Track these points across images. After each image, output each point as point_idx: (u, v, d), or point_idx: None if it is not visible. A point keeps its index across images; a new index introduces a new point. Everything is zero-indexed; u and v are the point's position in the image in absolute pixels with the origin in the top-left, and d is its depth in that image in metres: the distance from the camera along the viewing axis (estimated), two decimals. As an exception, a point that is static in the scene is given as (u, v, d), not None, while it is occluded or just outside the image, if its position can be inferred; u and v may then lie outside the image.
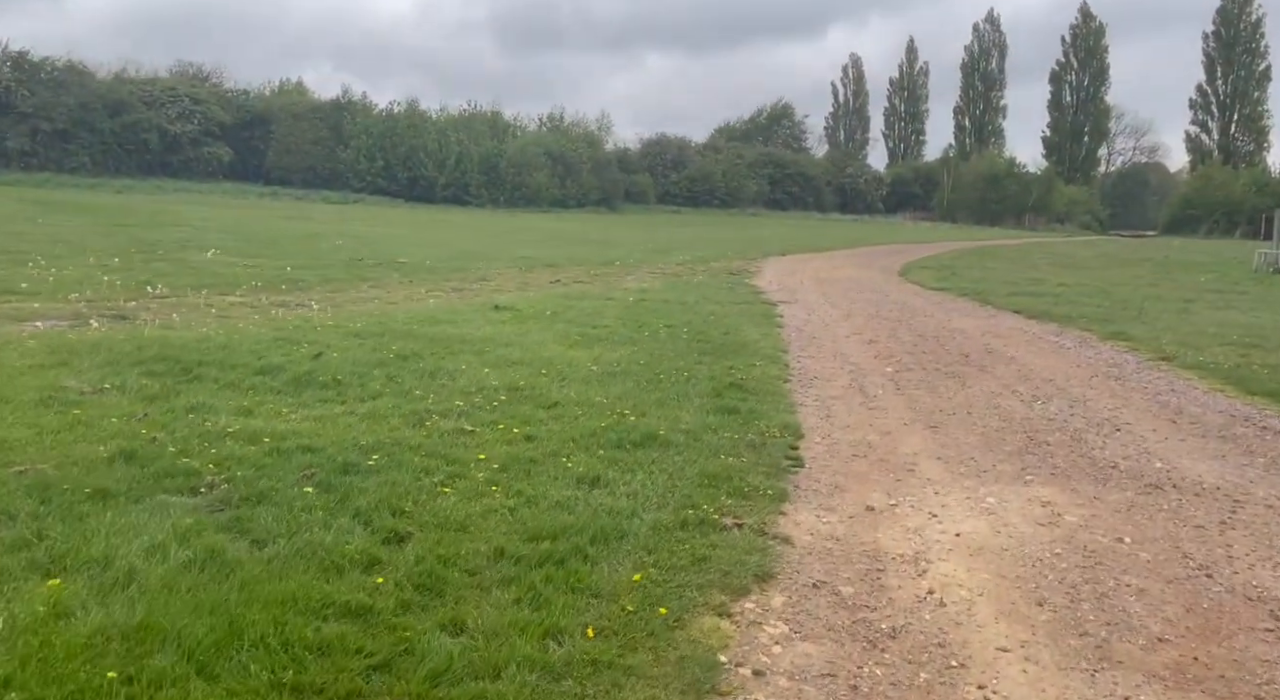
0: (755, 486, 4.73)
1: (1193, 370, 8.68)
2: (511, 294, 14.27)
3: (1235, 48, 73.44)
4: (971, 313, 13.77)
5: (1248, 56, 73.35)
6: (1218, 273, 23.72)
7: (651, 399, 6.63)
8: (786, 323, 12.01)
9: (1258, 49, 73.28)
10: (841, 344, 10.33)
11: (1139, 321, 12.49)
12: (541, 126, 73.36)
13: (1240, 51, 73.38)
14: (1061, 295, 16.59)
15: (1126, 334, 10.90)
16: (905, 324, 12.14)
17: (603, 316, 11.51)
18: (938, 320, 12.66)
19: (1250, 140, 74.59)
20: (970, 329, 11.69)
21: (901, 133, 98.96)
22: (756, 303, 14.09)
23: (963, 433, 6.29)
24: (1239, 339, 10.52)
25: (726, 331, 10.58)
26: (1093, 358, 9.53)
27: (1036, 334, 11.33)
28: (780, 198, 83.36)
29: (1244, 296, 17.24)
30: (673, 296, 14.32)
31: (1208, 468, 5.48)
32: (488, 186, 62.55)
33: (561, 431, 5.46)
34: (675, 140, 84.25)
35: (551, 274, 18.43)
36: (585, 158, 67.07)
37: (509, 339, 9.13)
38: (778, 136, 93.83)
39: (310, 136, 61.62)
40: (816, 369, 8.70)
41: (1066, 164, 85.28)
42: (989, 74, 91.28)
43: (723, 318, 11.93)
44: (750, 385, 7.46)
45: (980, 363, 9.15)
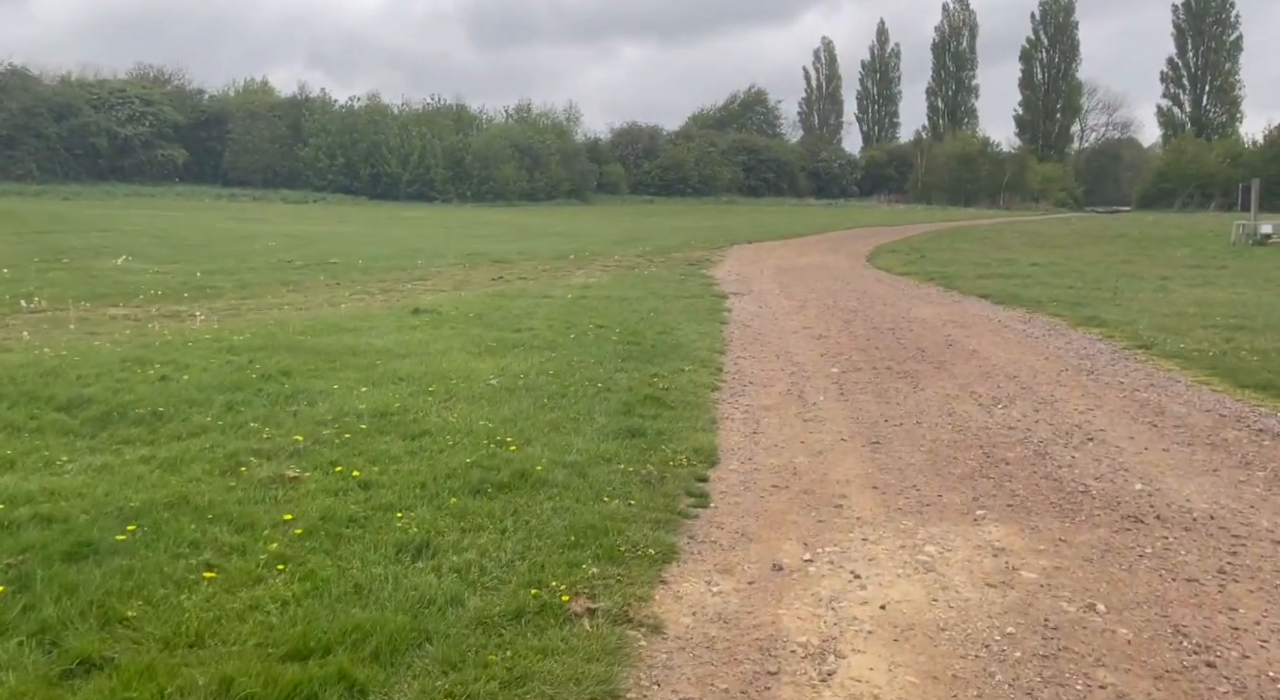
0: (636, 543, 3.73)
1: (1174, 359, 7.76)
2: (443, 295, 13.20)
3: (1205, 19, 73.06)
4: (935, 300, 12.84)
5: (1218, 27, 72.99)
6: (1194, 247, 22.97)
7: (546, 421, 5.61)
8: (733, 318, 11.02)
9: (1228, 19, 72.96)
10: (788, 341, 9.36)
11: (1114, 303, 11.61)
12: (508, 119, 71.90)
13: (1210, 22, 73.01)
14: (1032, 276, 15.72)
15: (1100, 319, 10.00)
16: (861, 315, 11.19)
17: (532, 317, 10.48)
18: (898, 310, 11.71)
19: (1222, 112, 74.35)
20: (931, 318, 10.75)
21: (875, 115, 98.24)
22: (705, 296, 13.10)
23: (908, 450, 5.32)
24: (1222, 320, 9.65)
25: (663, 331, 9.58)
26: (1063, 348, 8.61)
27: (1003, 322, 10.41)
28: (755, 184, 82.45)
29: (1223, 271, 16.44)
30: (616, 292, 13.30)
31: (1197, 488, 4.54)
32: (453, 181, 61.17)
33: (414, 473, 4.44)
34: (647, 129, 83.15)
35: (498, 271, 17.35)
36: (554, 149, 65.77)
37: (410, 349, 8.08)
38: (751, 123, 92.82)
39: (268, 135, 59.96)
40: (754, 372, 7.72)
41: (1040, 142, 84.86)
42: (960, 54, 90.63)
43: (663, 315, 10.93)
44: (670, 397, 6.46)
45: (938, 358, 8.20)
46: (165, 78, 64.78)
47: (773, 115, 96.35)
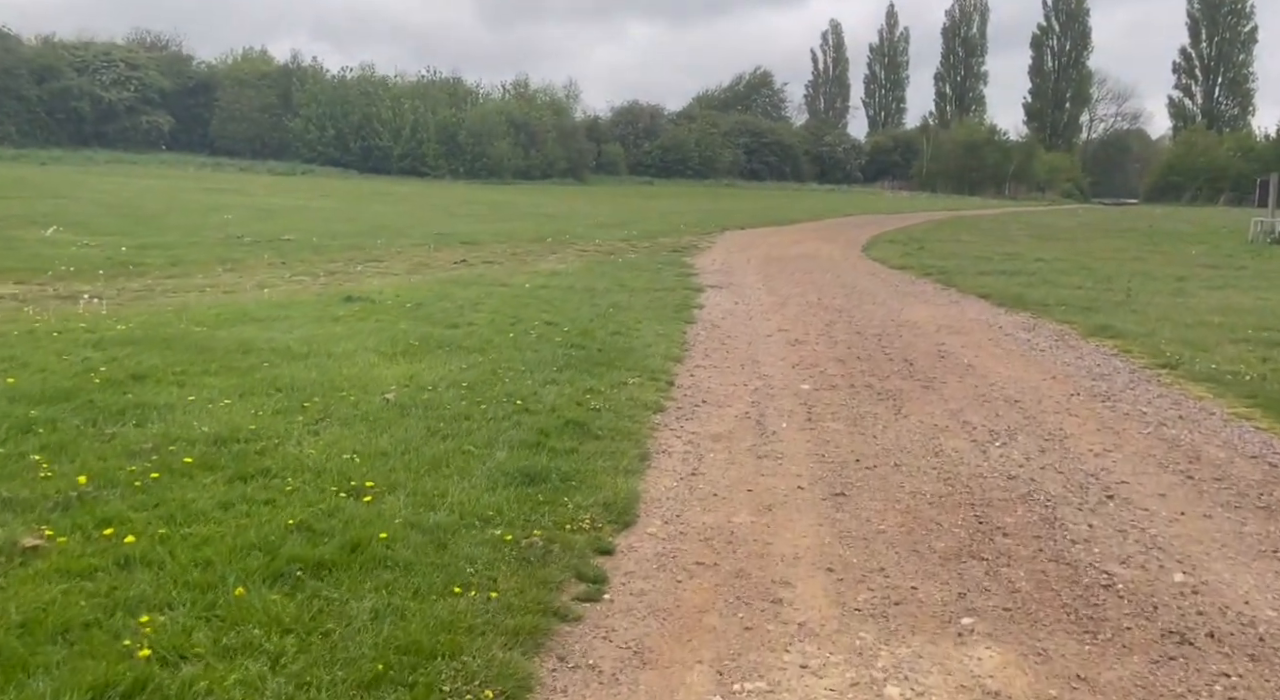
0: (473, 676, 2.60)
1: (1204, 383, 6.62)
2: (393, 279, 12.04)
3: (1220, 8, 71.26)
4: (931, 299, 11.67)
5: (1233, 17, 71.22)
6: (1209, 244, 21.76)
7: (429, 456, 4.47)
8: (702, 316, 9.87)
9: (1243, 10, 71.18)
10: (759, 347, 8.21)
11: (1128, 308, 10.44)
12: (505, 95, 70.24)
13: (1225, 12, 71.23)
14: (1037, 274, 14.54)
15: (1114, 328, 8.84)
16: (847, 315, 10.03)
17: (477, 310, 9.32)
18: (888, 310, 10.55)
19: (1234, 104, 72.78)
20: (924, 322, 9.59)
21: (882, 100, 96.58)
22: (679, 289, 11.93)
23: (879, 506, 4.19)
24: (1253, 333, 8.49)
25: (618, 330, 8.42)
26: (1073, 364, 7.45)
27: (1004, 328, 9.25)
28: (757, 167, 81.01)
29: (1242, 272, 15.26)
30: (582, 282, 12.12)
31: (1258, 582, 3.42)
32: (446, 157, 59.67)
33: (208, 542, 3.30)
34: (648, 108, 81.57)
35: (465, 253, 16.16)
36: (550, 127, 64.21)
37: (315, 347, 6.93)
38: (757, 105, 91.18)
39: (257, 104, 58.37)
40: (711, 387, 6.57)
41: (1048, 131, 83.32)
42: (970, 39, 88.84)
43: (625, 310, 9.76)
44: (600, 422, 5.32)
45: (927, 374, 7.05)
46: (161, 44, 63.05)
47: (778, 98, 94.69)
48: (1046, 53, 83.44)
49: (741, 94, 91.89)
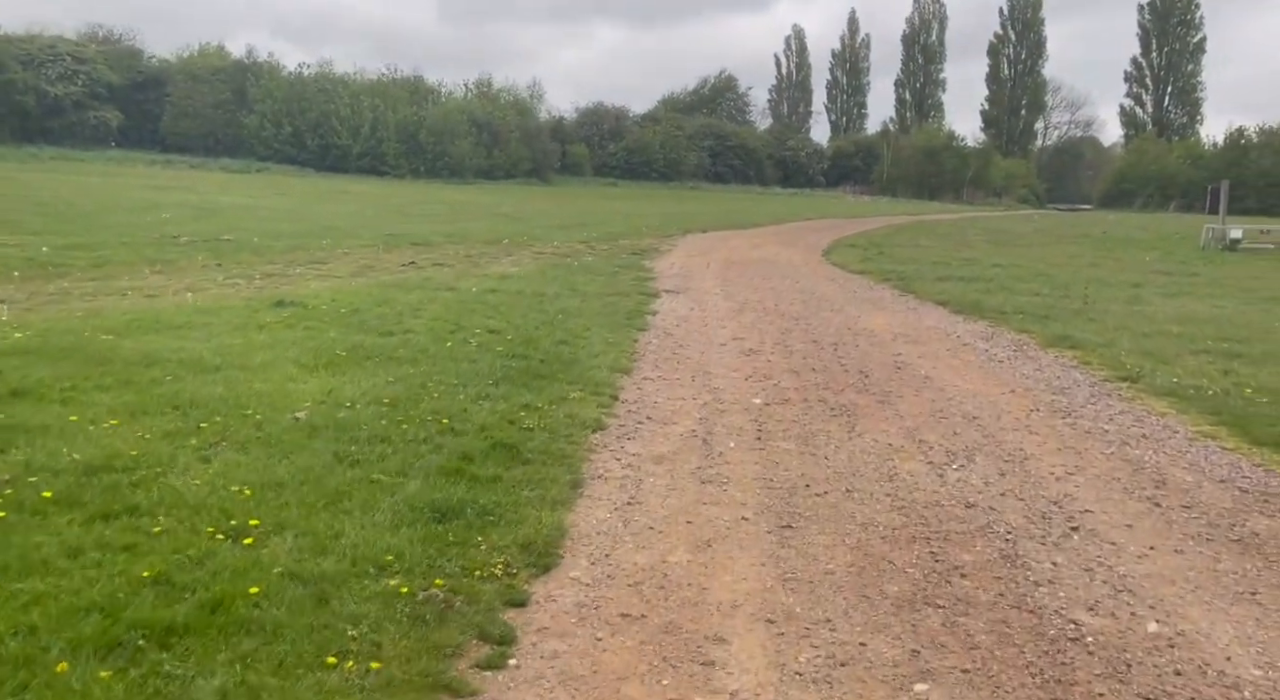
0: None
1: (1166, 398, 6.38)
2: (334, 282, 11.47)
3: (1170, 19, 72.87)
4: (889, 306, 11.41)
5: (1182, 28, 72.86)
6: (1162, 250, 21.93)
7: (331, 486, 4.01)
8: (656, 323, 9.48)
9: (1192, 21, 72.85)
10: (712, 356, 7.83)
11: (1086, 317, 10.27)
12: (468, 93, 69.35)
13: (1175, 23, 72.85)
14: (995, 280, 14.40)
15: (1073, 338, 8.62)
16: (804, 323, 9.71)
17: (417, 316, 8.83)
18: (846, 316, 10.26)
19: (1184, 113, 74.44)
20: (881, 331, 9.30)
21: (843, 106, 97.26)
22: (634, 294, 11.53)
23: (828, 542, 3.83)
24: (1213, 344, 8.33)
25: (564, 339, 7.99)
26: (1032, 377, 7.19)
27: (962, 337, 8.99)
28: (721, 170, 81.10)
29: (1196, 279, 15.29)
30: (533, 286, 11.66)
31: (1236, 631, 3.10)
32: (406, 156, 58.72)
33: (41, 600, 2.81)
34: (613, 110, 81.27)
35: (415, 254, 15.60)
36: (514, 126, 63.48)
37: (230, 358, 6.41)
38: (722, 109, 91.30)
39: (210, 100, 56.84)
40: (658, 401, 6.18)
41: (1004, 137, 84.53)
42: (929, 47, 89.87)
43: (575, 316, 9.34)
44: (532, 443, 4.90)
45: (883, 387, 6.73)
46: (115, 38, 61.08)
47: (742, 102, 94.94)
48: (1003, 61, 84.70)
49: (706, 97, 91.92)
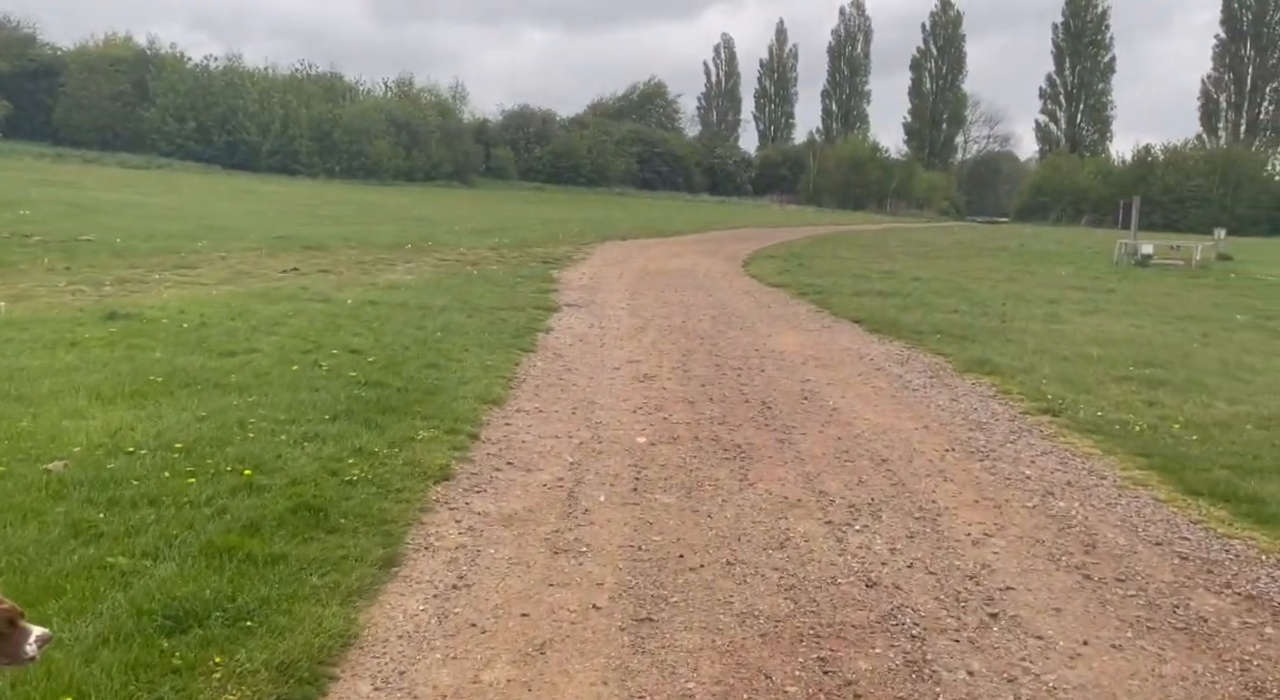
0: None
1: (1090, 436, 5.81)
2: (194, 290, 10.25)
3: (1082, 39, 75.60)
4: (803, 323, 10.78)
5: (1093, 48, 75.65)
6: (1077, 265, 22.11)
7: (43, 578, 3.03)
8: (548, 342, 8.61)
9: (1102, 41, 75.72)
10: (602, 382, 7.01)
11: (1003, 336, 9.81)
12: (387, 92, 67.29)
13: (1087, 43, 75.60)
14: (913, 295, 13.99)
15: (991, 362, 8.08)
16: (710, 343, 8.97)
17: (272, 332, 7.76)
18: (756, 336, 9.57)
19: (1095, 130, 77.27)
20: (792, 352, 8.62)
21: (771, 115, 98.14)
22: (530, 308, 10.63)
23: (694, 645, 3.02)
24: (1134, 369, 7.89)
25: (435, 362, 7.05)
26: (948, 408, 6.57)
27: (876, 361, 8.37)
28: (650, 177, 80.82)
29: (1111, 296, 15.19)
30: (421, 298, 10.65)
31: (1194, 777, 2.40)
32: (320, 155, 56.42)
33: None
34: (539, 113, 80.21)
35: (302, 259, 14.37)
36: (435, 127, 61.78)
37: (11, 386, 5.28)
38: (651, 116, 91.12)
39: (108, 92, 53.52)
40: (526, 440, 5.31)
41: (927, 150, 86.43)
42: (854, 59, 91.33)
43: (456, 334, 8.39)
44: (349, 503, 3.97)
45: (786, 420, 6.01)
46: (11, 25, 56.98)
47: (671, 109, 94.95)
48: (925, 75, 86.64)
49: (635, 103, 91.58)
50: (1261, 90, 65.94)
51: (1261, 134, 66.30)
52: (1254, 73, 65.80)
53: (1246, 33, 65.65)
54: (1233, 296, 15.66)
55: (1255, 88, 66.08)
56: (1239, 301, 14.82)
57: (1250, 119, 66.65)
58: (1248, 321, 12.05)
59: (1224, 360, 8.53)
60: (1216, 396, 6.87)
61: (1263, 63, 65.50)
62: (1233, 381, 7.50)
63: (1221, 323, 11.85)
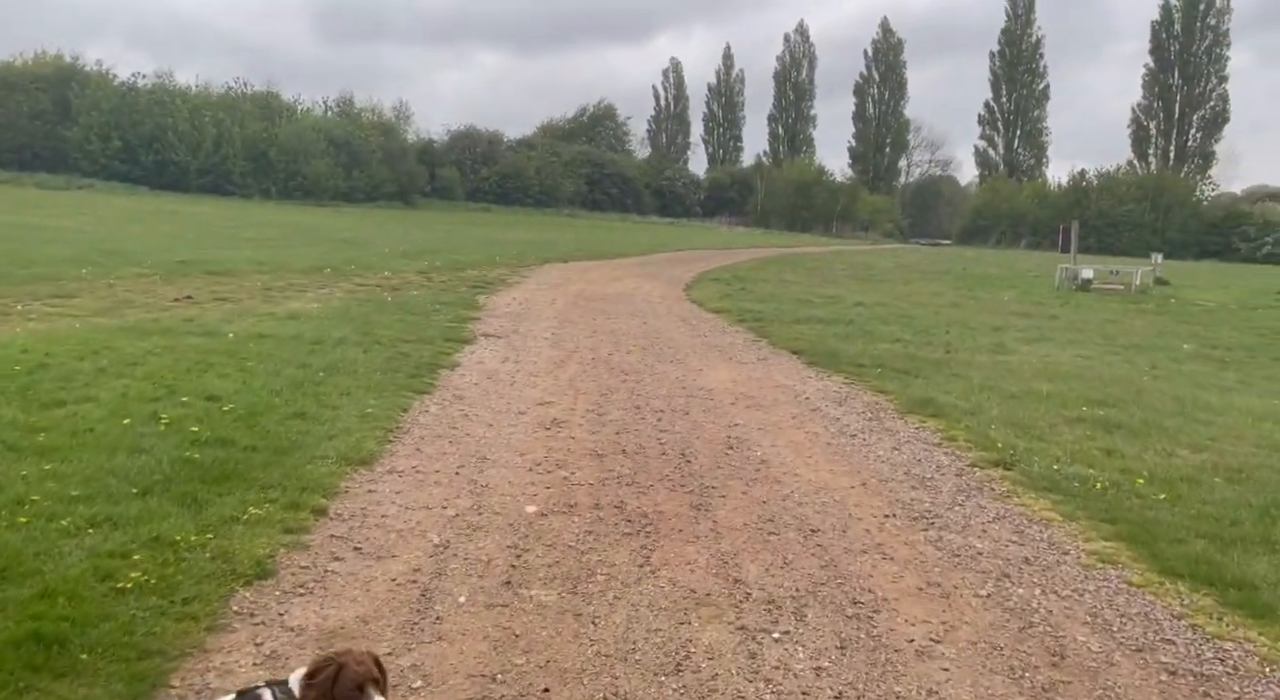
0: None
1: (1048, 495, 5.10)
2: (59, 322, 9.10)
3: (1018, 67, 77.55)
4: (738, 354, 10.03)
5: (1029, 76, 77.64)
6: (1020, 289, 21.92)
7: None
8: (450, 382, 7.68)
9: (1037, 69, 77.77)
10: (502, 431, 6.12)
11: (948, 370, 9.19)
12: (327, 111, 65.70)
13: (1023, 71, 77.56)
14: (856, 321, 13.40)
15: (935, 402, 7.39)
16: (635, 379, 8.14)
17: (121, 375, 6.71)
18: (686, 370, 8.77)
19: (1031, 155, 79.13)
20: (722, 390, 7.84)
21: (720, 138, 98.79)
22: (441, 341, 9.68)
23: None
24: (1087, 409, 7.27)
25: (304, 410, 6.08)
26: (888, 460, 5.83)
27: (812, 400, 7.63)
28: (599, 198, 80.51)
29: (1055, 322, 14.82)
30: (319, 330, 9.63)
31: None
32: (255, 175, 54.66)
33: None
34: (486, 134, 79.47)
35: (203, 286, 13.22)
36: (376, 147, 60.38)
37: None
38: (601, 137, 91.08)
39: (26, 110, 51.07)
40: (387, 514, 4.39)
41: (871, 174, 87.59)
42: (800, 84, 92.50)
43: (345, 373, 7.42)
44: (99, 631, 3.01)
45: (706, 479, 5.19)
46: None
47: (621, 131, 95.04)
48: (868, 100, 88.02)
49: (585, 125, 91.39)
50: (1189, 117, 68.19)
51: (1190, 161, 68.47)
52: (1182, 101, 68.03)
53: (1174, 62, 67.94)
54: (1175, 323, 15.43)
55: (1183, 116, 68.31)
56: (1182, 329, 14.57)
57: (1179, 146, 68.83)
58: (1194, 351, 11.68)
59: (1179, 398, 7.99)
60: (1178, 442, 6.26)
61: (1190, 91, 67.78)
62: (1191, 423, 6.92)
63: (1168, 352, 11.45)
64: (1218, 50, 67.14)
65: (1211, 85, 67.43)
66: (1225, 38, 67.18)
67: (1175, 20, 67.83)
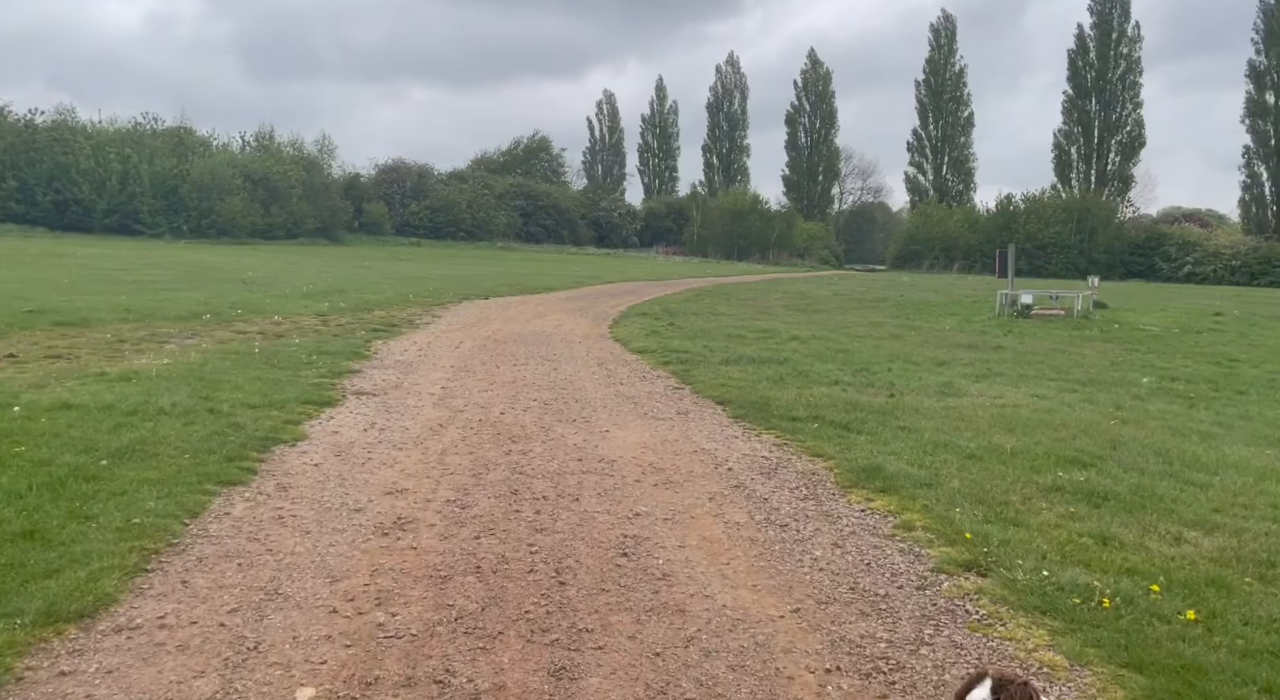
0: None
1: (1040, 621, 3.78)
2: None
3: (943, 95, 79.08)
4: (655, 407, 8.64)
5: (954, 104, 79.21)
6: (960, 316, 21.12)
7: None
8: (282, 461, 6.10)
9: (961, 97, 79.39)
10: (321, 542, 4.57)
11: (894, 420, 7.94)
12: (244, 147, 63.21)
13: (947, 99, 79.10)
14: (791, 360, 12.18)
15: (883, 472, 6.08)
16: (523, 448, 6.67)
17: None
18: (590, 432, 7.34)
19: (959, 181, 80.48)
20: (628, 460, 6.42)
21: (655, 169, 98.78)
22: (294, 405, 8.04)
23: None
24: (1061, 471, 6.05)
25: (36, 527, 4.44)
26: (829, 568, 4.46)
27: (736, 472, 6.26)
28: (534, 230, 79.33)
29: (1002, 354, 13.85)
30: (142, 395, 7.92)
31: None
32: (166, 213, 51.94)
33: None
34: (415, 167, 77.91)
35: (40, 340, 11.36)
36: (296, 182, 58.08)
37: None
38: (536, 170, 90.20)
39: (-88, 147, 47.63)
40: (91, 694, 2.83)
41: (805, 201, 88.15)
42: (733, 114, 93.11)
43: (138, 459, 5.78)
44: None
45: (580, 618, 3.74)
46: None
47: (557, 163, 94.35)
48: (800, 130, 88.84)
49: (520, 158, 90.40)
50: (1108, 142, 70.06)
51: (1110, 184, 70.27)
52: (1100, 126, 69.92)
53: (1091, 89, 69.92)
54: (1125, 352, 14.61)
55: (1102, 140, 70.18)
56: (1134, 359, 13.73)
57: (1099, 170, 70.62)
58: (1155, 385, 10.71)
59: (1161, 450, 6.85)
60: (1181, 519, 5.06)
61: (1107, 117, 69.74)
62: (1187, 488, 5.75)
63: (1128, 388, 10.46)
64: (1131, 77, 69.34)
65: (1127, 111, 69.53)
66: (1138, 65, 69.47)
67: (1090, 48, 69.94)
